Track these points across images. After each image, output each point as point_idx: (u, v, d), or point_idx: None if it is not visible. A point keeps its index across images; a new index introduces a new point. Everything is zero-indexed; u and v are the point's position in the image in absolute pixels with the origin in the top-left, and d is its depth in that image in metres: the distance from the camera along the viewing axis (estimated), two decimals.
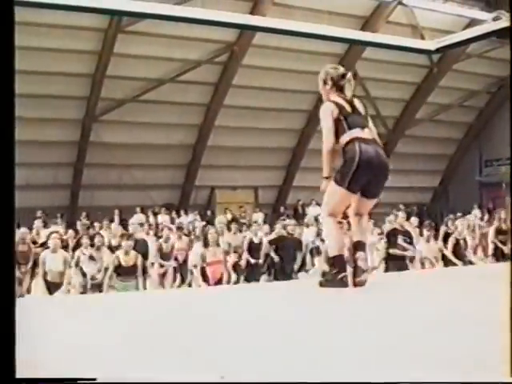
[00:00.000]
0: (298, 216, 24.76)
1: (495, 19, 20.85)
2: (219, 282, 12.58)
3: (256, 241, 15.61)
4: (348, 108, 6.02)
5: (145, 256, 13.67)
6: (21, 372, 2.62)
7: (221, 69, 25.44)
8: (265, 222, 20.24)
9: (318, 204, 26.23)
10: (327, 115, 6.04)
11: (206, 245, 12.83)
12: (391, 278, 8.09)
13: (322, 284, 5.87)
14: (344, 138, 5.90)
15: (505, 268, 5.27)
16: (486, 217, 21.71)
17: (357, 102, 6.16)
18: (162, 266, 14.48)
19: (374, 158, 5.80)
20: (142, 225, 18.05)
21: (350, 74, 6.28)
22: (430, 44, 22.65)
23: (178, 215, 23.68)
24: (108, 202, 24.21)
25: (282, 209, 27.37)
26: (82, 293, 12.90)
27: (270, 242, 15.22)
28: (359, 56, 25.85)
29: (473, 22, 24.46)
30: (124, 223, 20.43)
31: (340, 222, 6.23)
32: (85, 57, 23.09)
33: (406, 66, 27.21)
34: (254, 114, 26.36)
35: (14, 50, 2.80)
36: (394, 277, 8.51)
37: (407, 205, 24.16)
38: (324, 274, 6.11)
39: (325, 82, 6.26)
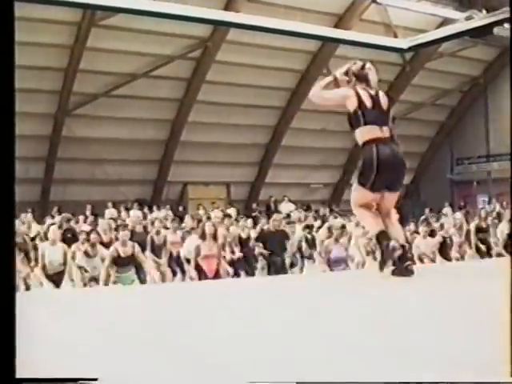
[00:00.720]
0: (271, 212, 24.80)
1: (468, 19, 20.98)
2: (216, 274, 12.57)
3: (244, 236, 15.68)
4: (369, 102, 6.09)
5: (143, 248, 13.74)
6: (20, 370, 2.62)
7: (194, 64, 25.40)
8: (242, 218, 20.19)
9: (291, 201, 26.36)
10: (339, 91, 6.33)
11: (202, 238, 12.78)
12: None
13: (393, 273, 5.95)
14: (361, 136, 6.02)
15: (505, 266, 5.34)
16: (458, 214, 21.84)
17: (381, 96, 6.22)
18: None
19: (390, 158, 5.99)
20: (115, 220, 17.94)
21: (369, 64, 6.42)
22: (403, 42, 22.73)
23: (151, 211, 23.60)
24: (80, 196, 24.08)
25: (254, 205, 27.38)
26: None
27: (257, 239, 15.26)
28: (332, 53, 25.87)
29: (446, 21, 24.58)
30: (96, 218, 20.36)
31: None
32: (57, 51, 22.93)
33: (379, 63, 27.10)
34: (227, 110, 26.36)
35: (13, 46, 2.79)
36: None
37: None
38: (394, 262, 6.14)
39: (349, 81, 6.38)
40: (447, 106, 32.28)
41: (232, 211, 23.37)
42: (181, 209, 25.32)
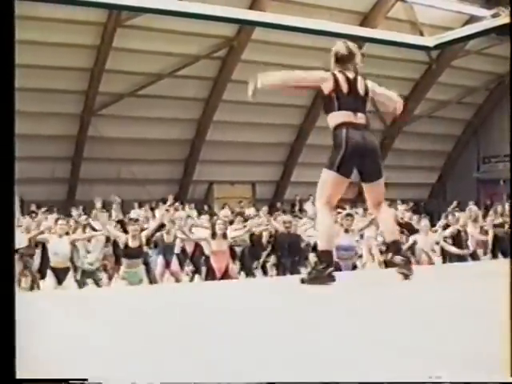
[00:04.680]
0: (296, 211, 24.80)
1: (494, 16, 20.83)
2: (225, 274, 12.61)
3: (256, 233, 15.73)
4: (345, 87, 5.99)
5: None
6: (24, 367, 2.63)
7: (220, 64, 25.43)
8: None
9: None
10: (313, 73, 6.40)
11: (213, 235, 12.84)
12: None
13: (303, 281, 5.78)
14: (333, 120, 5.92)
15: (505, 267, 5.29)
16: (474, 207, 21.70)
17: (359, 81, 6.11)
18: (166, 258, 14.55)
19: (361, 144, 5.81)
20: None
21: (353, 48, 6.28)
22: (429, 40, 22.63)
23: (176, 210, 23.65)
24: (106, 196, 24.17)
25: (278, 204, 27.35)
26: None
27: (268, 240, 15.32)
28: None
29: (472, 19, 24.41)
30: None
31: (338, 212, 6.32)
32: (84, 51, 23.07)
33: (405, 62, 27.20)
34: (252, 109, 26.28)
35: (14, 45, 2.80)
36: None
37: (405, 201, 24.12)
38: (310, 271, 6.00)
39: (334, 58, 6.29)
40: (473, 104, 32.05)
41: (251, 211, 23.33)
42: (206, 208, 25.34)
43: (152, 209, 23.21)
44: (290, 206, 27.33)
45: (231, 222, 16.53)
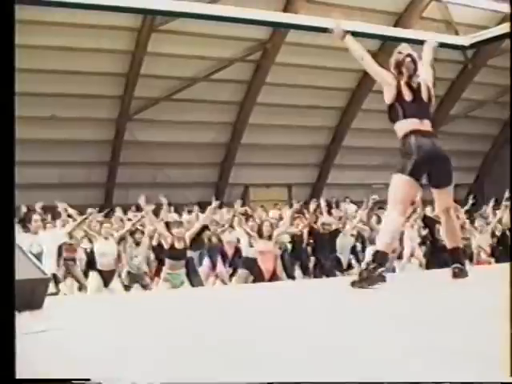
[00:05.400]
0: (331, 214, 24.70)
1: None
2: (273, 275, 12.62)
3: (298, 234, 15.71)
4: (408, 96, 5.98)
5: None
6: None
7: (254, 67, 25.46)
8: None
9: (352, 202, 26.18)
10: (384, 72, 6.47)
11: (259, 237, 12.86)
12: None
13: (354, 284, 5.76)
14: (400, 129, 5.93)
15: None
16: None
17: (423, 88, 6.09)
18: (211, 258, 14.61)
19: (431, 151, 5.84)
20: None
21: (413, 55, 6.25)
22: (465, 40, 22.47)
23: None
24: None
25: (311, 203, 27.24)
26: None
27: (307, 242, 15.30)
28: (393, 52, 25.64)
29: (507, 17, 24.18)
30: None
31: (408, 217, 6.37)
32: (119, 56, 23.24)
33: (440, 62, 26.94)
34: (287, 111, 26.32)
35: (13, 49, 2.80)
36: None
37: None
38: (360, 271, 5.95)
39: (394, 67, 6.27)
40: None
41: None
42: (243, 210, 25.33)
43: (189, 212, 23.29)
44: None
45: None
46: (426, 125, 5.94)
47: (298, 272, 15.30)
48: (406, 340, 3.30)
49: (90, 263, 13.64)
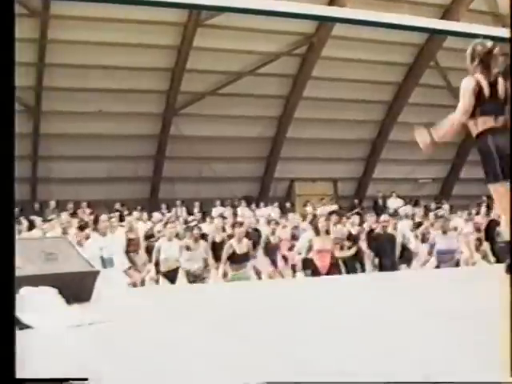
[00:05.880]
0: (378, 208, 24.55)
1: None
2: (329, 271, 12.54)
3: (354, 232, 15.58)
4: (487, 92, 5.86)
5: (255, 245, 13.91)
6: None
7: (300, 61, 25.38)
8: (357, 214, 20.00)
9: (399, 196, 26.01)
10: (467, 91, 5.93)
11: (316, 233, 12.79)
12: None
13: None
14: (475, 127, 5.84)
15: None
16: None
17: (500, 83, 5.97)
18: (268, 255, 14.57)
19: (506, 147, 5.69)
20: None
21: (496, 50, 6.08)
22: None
23: (258, 208, 23.72)
24: (188, 194, 24.45)
25: (355, 201, 27.13)
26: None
27: (367, 240, 15.18)
28: (440, 46, 25.40)
29: None
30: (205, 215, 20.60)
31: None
32: (165, 51, 23.37)
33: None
34: (333, 105, 26.20)
35: (13, 43, 2.78)
36: None
37: None
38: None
39: (472, 59, 6.09)
40: None
41: (334, 207, 23.20)
42: (288, 205, 25.29)
43: (234, 206, 23.34)
44: (373, 203, 27.11)
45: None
46: (499, 121, 5.82)
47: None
48: None
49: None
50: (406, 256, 15.07)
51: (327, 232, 12.81)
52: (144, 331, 4.53)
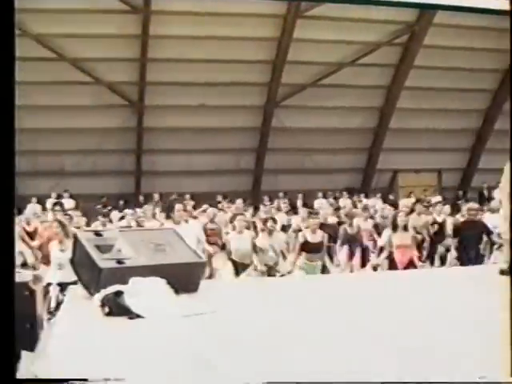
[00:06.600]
0: (483, 200, 24.02)
1: None
2: (408, 266, 12.36)
3: (439, 220, 15.34)
4: None
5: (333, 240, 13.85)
6: None
7: (401, 50, 25.06)
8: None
9: None
10: None
11: (394, 228, 12.61)
12: None
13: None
14: None
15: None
16: None
17: None
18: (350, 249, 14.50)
19: None
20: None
21: None
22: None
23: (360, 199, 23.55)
24: (290, 186, 24.47)
25: (459, 192, 26.64)
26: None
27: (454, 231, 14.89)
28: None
29: None
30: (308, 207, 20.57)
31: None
32: (265, 43, 23.44)
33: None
34: (436, 94, 25.79)
35: (13, 39, 2.81)
36: None
37: None
38: None
39: None
40: None
41: (437, 199, 22.82)
42: (391, 197, 25.05)
43: (335, 198, 23.26)
44: (478, 195, 26.54)
45: (412, 211, 16.16)
46: None
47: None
48: None
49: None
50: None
51: (405, 227, 12.55)
52: (253, 321, 4.59)
